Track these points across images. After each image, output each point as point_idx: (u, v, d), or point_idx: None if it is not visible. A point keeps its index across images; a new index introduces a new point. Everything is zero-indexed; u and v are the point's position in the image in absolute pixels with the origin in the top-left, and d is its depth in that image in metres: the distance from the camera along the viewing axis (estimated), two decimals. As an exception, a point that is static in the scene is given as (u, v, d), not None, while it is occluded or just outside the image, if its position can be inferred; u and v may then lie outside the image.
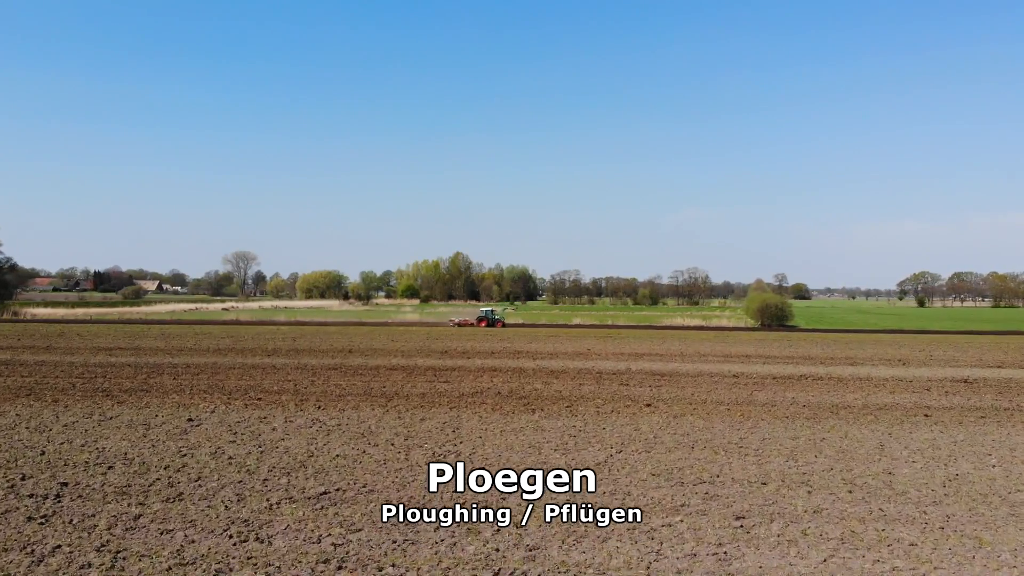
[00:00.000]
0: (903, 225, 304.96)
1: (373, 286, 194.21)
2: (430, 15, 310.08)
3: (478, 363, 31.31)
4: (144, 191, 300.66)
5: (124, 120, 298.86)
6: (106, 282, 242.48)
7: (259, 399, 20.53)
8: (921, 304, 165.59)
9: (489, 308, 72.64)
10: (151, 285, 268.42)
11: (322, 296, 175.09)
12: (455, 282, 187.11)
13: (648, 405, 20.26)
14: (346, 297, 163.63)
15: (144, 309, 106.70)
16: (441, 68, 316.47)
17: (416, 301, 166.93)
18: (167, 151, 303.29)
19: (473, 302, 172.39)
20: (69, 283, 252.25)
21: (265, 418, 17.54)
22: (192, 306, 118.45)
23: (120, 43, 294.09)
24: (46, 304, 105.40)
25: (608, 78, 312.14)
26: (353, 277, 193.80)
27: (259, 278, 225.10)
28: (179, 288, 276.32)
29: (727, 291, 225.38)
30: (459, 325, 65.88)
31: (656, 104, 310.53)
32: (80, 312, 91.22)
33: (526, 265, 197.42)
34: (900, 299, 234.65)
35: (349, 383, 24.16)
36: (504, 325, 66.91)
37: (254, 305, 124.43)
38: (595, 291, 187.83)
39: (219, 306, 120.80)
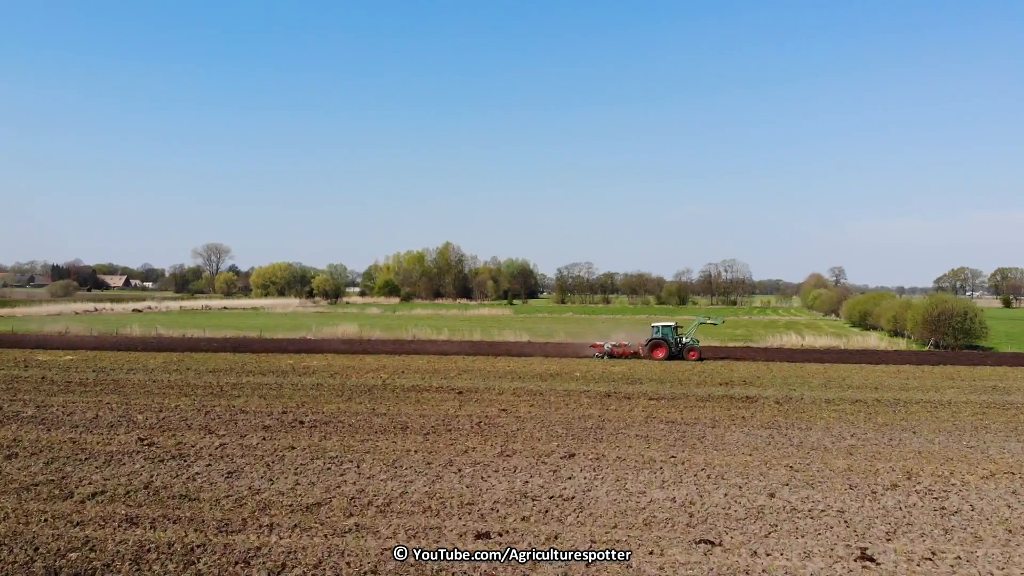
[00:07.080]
0: (905, 222, 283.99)
1: (345, 282, 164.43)
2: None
3: None
4: (125, 183, 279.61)
5: (114, 113, 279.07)
6: (65, 277, 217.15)
7: None
8: (1007, 304, 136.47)
9: (668, 323, 39.74)
10: (118, 280, 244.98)
11: (281, 293, 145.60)
12: (444, 277, 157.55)
13: None
14: (310, 295, 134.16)
15: (20, 311, 79.78)
16: (435, 52, 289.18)
17: (396, 299, 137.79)
18: (149, 141, 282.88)
19: (464, 300, 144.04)
20: (23, 278, 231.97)
21: None
22: (92, 306, 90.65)
23: (104, 33, 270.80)
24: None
25: (612, 65, 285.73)
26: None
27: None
28: (149, 284, 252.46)
29: (742, 287, 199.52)
30: (610, 356, 37.32)
31: (660, 98, 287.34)
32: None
33: (526, 259, 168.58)
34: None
35: None
36: (700, 357, 37.24)
37: (175, 305, 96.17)
38: (608, 288, 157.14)
39: (133, 306, 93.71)
